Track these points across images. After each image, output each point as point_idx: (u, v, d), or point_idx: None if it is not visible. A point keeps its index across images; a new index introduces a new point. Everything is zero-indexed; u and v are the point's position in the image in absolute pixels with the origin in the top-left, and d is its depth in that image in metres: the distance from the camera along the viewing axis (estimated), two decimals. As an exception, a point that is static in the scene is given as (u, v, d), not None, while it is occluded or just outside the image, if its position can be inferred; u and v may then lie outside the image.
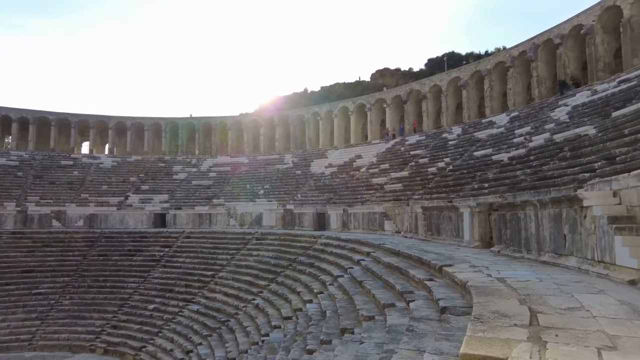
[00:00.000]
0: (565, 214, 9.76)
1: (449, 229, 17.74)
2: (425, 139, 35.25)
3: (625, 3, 24.00)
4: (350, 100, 45.35)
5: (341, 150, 41.56)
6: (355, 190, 31.85)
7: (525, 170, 17.40)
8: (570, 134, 18.27)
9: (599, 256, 8.40)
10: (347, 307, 11.29)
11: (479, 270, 9.03)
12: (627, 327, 4.48)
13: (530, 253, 11.33)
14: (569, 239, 9.61)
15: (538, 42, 29.69)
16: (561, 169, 14.64)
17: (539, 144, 20.34)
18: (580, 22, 26.77)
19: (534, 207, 11.36)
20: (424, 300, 8.45)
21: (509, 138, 25.00)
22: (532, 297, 6.06)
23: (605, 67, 25.60)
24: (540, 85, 29.72)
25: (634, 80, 20.15)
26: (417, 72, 72.84)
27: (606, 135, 14.95)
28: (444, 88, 37.14)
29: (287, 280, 19.72)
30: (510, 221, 12.91)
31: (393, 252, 14.54)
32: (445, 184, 23.57)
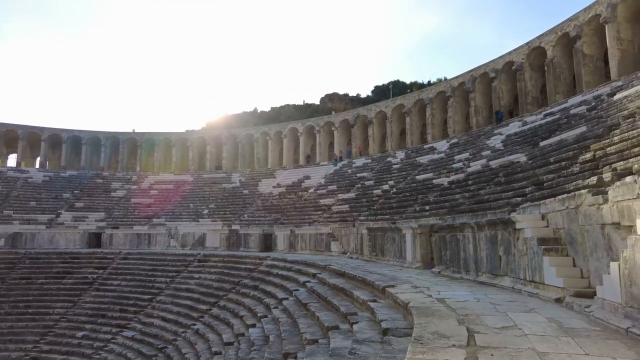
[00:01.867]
0: (500, 236, 10.28)
1: (393, 250, 18.10)
2: (371, 162, 36.17)
3: (548, 45, 26.47)
4: (300, 122, 45.73)
5: (290, 171, 41.53)
6: (303, 211, 31.80)
7: (464, 194, 18.27)
8: (505, 161, 19.52)
9: (530, 276, 8.89)
10: (291, 330, 11.03)
11: (420, 291, 9.22)
12: (554, 344, 4.70)
13: (469, 273, 11.78)
14: (504, 260, 10.10)
15: (476, 75, 31.82)
16: (496, 193, 15.52)
17: (476, 170, 21.51)
18: (511, 59, 29.09)
19: (471, 229, 11.88)
20: (367, 321, 8.44)
21: (448, 163, 26.25)
22: (470, 317, 6.23)
23: (533, 101, 27.86)
24: (478, 114, 31.71)
25: (557, 114, 22.07)
26: (364, 98, 75.27)
27: (535, 162, 16.12)
28: (389, 114, 38.54)
29: (230, 304, 19.02)
30: (450, 242, 13.40)
31: (338, 273, 14.53)
32: (390, 206, 24.16)
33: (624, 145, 10.23)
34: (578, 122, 17.92)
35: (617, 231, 6.78)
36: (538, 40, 27.31)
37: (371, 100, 61.99)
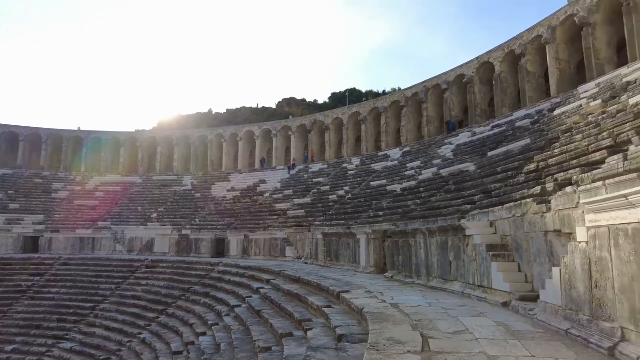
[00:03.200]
0: (451, 242, 10.61)
1: (347, 255, 18.23)
2: (328, 168, 36.42)
3: (496, 61, 27.97)
4: (257, 125, 45.24)
5: (245, 175, 40.91)
6: (258, 215, 31.37)
7: (416, 201, 18.77)
8: (455, 170, 20.28)
9: (479, 281, 9.22)
10: (243, 338, 10.75)
11: (374, 296, 9.29)
12: (503, 347, 4.86)
13: (421, 278, 12.06)
14: (454, 265, 10.43)
15: (429, 86, 32.98)
16: (447, 200, 16.06)
17: (428, 177, 22.20)
18: (462, 72, 30.43)
19: (423, 235, 12.19)
20: (322, 328, 8.38)
21: (401, 171, 26.94)
22: (423, 322, 6.34)
23: (482, 113, 29.28)
24: (430, 124, 32.85)
25: (504, 126, 23.31)
26: (321, 104, 75.80)
27: (483, 172, 16.87)
28: (345, 121, 39.06)
29: (180, 312, 18.31)
30: (402, 248, 13.68)
31: (293, 279, 14.39)
32: (345, 212, 24.38)
33: (563, 157, 10.91)
34: (523, 135, 18.99)
35: (559, 238, 7.19)
36: (487, 55, 28.76)
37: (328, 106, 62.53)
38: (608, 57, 21.64)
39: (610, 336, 4.88)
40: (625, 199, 4.52)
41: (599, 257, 5.15)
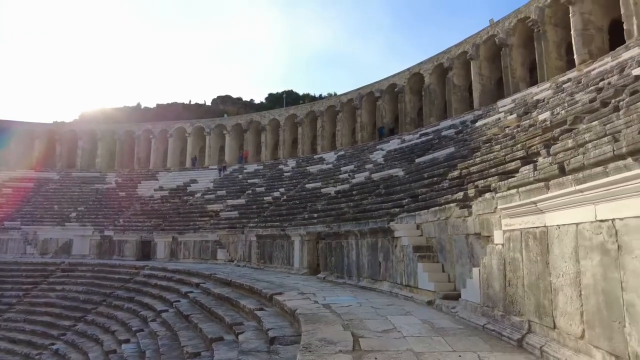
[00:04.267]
0: (380, 244, 11.03)
1: (281, 257, 18.21)
2: (263, 169, 36.11)
3: (426, 72, 29.62)
4: (189, 122, 43.57)
5: (175, 173, 39.22)
6: (188, 216, 30.22)
7: (349, 203, 19.26)
8: (385, 174, 21.12)
9: (406, 281, 9.68)
10: (170, 344, 10.31)
11: (307, 297, 9.38)
12: (428, 344, 5.16)
13: (352, 279, 12.39)
14: (383, 266, 10.85)
15: (363, 93, 34.03)
16: (377, 203, 16.67)
17: (360, 181, 22.88)
18: (395, 82, 31.81)
19: (355, 236, 12.55)
20: (253, 331, 8.29)
21: (336, 174, 27.49)
22: (354, 321, 6.53)
23: (412, 122, 30.81)
24: (363, 130, 33.90)
25: (431, 135, 24.72)
26: (257, 104, 74.98)
27: (411, 177, 17.75)
28: (282, 123, 39.02)
29: (100, 318, 17.08)
30: (335, 249, 13.97)
31: (225, 282, 14.07)
32: (280, 213, 24.33)
33: (483, 165, 11.83)
34: (448, 143, 20.27)
35: (478, 241, 7.77)
36: (418, 67, 30.33)
37: (265, 107, 62.03)
38: (522, 76, 23.83)
39: (519, 329, 5.37)
40: (535, 205, 5.02)
41: (512, 257, 5.65)
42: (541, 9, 21.71)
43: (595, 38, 19.64)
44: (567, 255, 4.48)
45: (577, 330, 4.32)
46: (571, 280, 4.42)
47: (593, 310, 4.07)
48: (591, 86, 13.25)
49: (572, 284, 4.41)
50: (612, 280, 3.80)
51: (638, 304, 3.47)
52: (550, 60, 21.47)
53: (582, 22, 19.68)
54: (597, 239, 4.00)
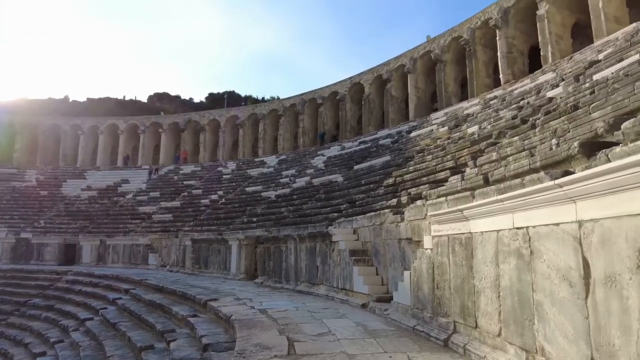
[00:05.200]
0: (319, 248, 11.18)
1: (217, 262, 17.78)
2: (201, 171, 35.06)
3: (366, 82, 30.59)
4: (122, 119, 41.23)
5: (105, 172, 36.87)
6: (118, 219, 28.52)
7: (289, 208, 19.30)
8: (325, 180, 21.45)
9: (342, 284, 9.90)
10: (94, 355, 9.66)
11: (243, 303, 9.26)
12: (361, 346, 5.33)
13: (289, 283, 12.42)
14: (320, 270, 11.01)
15: (306, 99, 34.35)
16: (317, 208, 16.88)
17: (301, 186, 23.03)
18: (336, 90, 32.48)
19: (294, 241, 12.61)
20: (186, 338, 8.02)
21: (276, 178, 27.43)
22: (289, 326, 6.56)
23: (352, 129, 31.61)
24: (305, 135, 34.19)
25: (369, 143, 25.52)
26: (197, 103, 72.73)
27: (350, 183, 18.20)
28: (222, 124, 38.23)
29: (11, 330, 15.53)
30: (273, 254, 13.92)
31: (156, 288, 13.46)
32: (217, 217, 23.76)
33: (416, 174, 12.44)
34: (384, 152, 21.04)
35: (410, 245, 8.16)
36: (358, 77, 31.22)
37: (205, 106, 60.32)
38: (454, 91, 25.40)
39: (445, 329, 5.72)
40: (461, 212, 5.39)
41: (440, 262, 6.01)
42: (473, 30, 23.34)
43: (517, 61, 21.48)
44: (488, 260, 4.86)
45: (495, 329, 4.68)
46: (491, 283, 4.79)
47: (509, 309, 4.44)
48: (513, 104, 14.47)
49: (492, 286, 4.78)
50: (525, 282, 4.18)
51: (545, 303, 3.86)
52: (479, 77, 23.12)
53: (506, 45, 21.43)
54: (514, 245, 4.38)
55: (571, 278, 3.45)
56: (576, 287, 3.39)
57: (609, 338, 3.04)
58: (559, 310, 3.61)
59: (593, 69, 12.00)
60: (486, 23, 22.53)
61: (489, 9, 22.48)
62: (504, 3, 21.69)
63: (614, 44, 14.02)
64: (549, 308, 3.76)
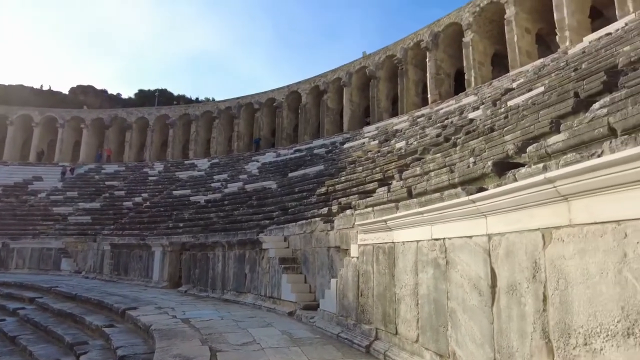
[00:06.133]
0: (248, 255, 11.03)
1: (139, 269, 16.81)
2: (125, 171, 33.04)
3: (303, 92, 30.95)
4: (37, 110, 37.67)
5: (13, 168, 33.31)
6: (27, 219, 25.87)
7: (219, 214, 18.82)
8: (258, 186, 21.25)
9: (270, 292, 9.83)
10: (-14, 373, 8.62)
11: (164, 312, 8.84)
12: (285, 354, 5.33)
13: (215, 292, 12.08)
14: (249, 278, 10.85)
15: (242, 103, 33.91)
16: (249, 214, 16.65)
17: (233, 191, 22.58)
18: (274, 97, 32.47)
19: (222, 247, 12.32)
20: (100, 350, 7.47)
21: (208, 182, 26.66)
22: (213, 335, 6.38)
23: (287, 137, 31.73)
24: (240, 139, 33.67)
25: (304, 151, 25.78)
26: (125, 99, 68.70)
27: (283, 190, 18.21)
28: (151, 122, 36.44)
29: None
30: (200, 261, 13.47)
31: (68, 296, 12.38)
32: (141, 221, 22.49)
33: (347, 184, 12.78)
34: (319, 161, 21.37)
35: (338, 253, 8.34)
36: (296, 86, 31.51)
37: (133, 103, 57.15)
38: (386, 107, 26.56)
39: (368, 336, 5.90)
40: (385, 223, 5.63)
41: (365, 270, 6.22)
42: (405, 50, 24.64)
43: (444, 82, 23.03)
44: (409, 269, 5.12)
45: (413, 335, 4.93)
46: (411, 291, 5.05)
47: (426, 316, 4.71)
48: (438, 123, 15.46)
49: (411, 294, 5.04)
50: (441, 291, 4.47)
51: (458, 310, 4.15)
52: (409, 96, 24.41)
53: (435, 67, 22.91)
54: (432, 255, 4.67)
55: (480, 287, 3.75)
56: (484, 296, 3.69)
57: (509, 341, 3.35)
58: (470, 317, 3.90)
59: (508, 95, 13.23)
60: (418, 45, 23.92)
61: (421, 32, 23.90)
62: (435, 27, 23.21)
63: (525, 75, 15.57)
64: (461, 315, 4.04)
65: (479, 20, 21.33)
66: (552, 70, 13.00)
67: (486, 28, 21.46)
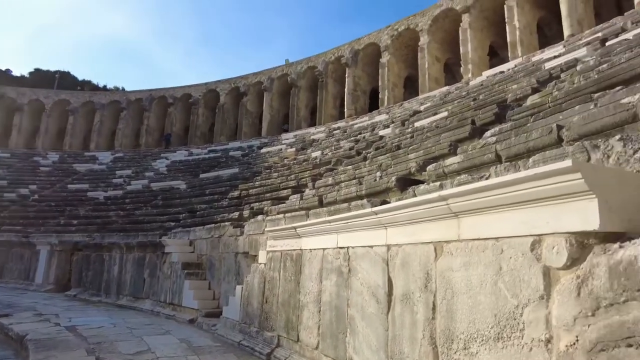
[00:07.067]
0: (148, 258, 10.37)
1: (18, 270, 14.90)
2: (11, 158, 29.12)
3: (222, 91, 30.19)
4: None
5: None
6: None
7: (119, 212, 17.47)
8: (166, 185, 20.14)
9: (170, 298, 9.33)
10: None
11: (46, 319, 7.93)
12: (181, 363, 5.08)
13: (109, 296, 11.15)
14: (148, 282, 10.19)
15: (155, 96, 31.99)
16: (153, 215, 15.68)
17: (137, 189, 21.11)
18: (190, 93, 31.17)
19: (120, 249, 11.44)
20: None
21: (109, 177, 24.61)
22: (102, 345, 5.86)
23: (202, 136, 30.61)
24: (150, 134, 31.67)
25: (219, 152, 25.08)
26: (17, 78, 60.74)
27: (193, 191, 17.48)
28: (48, 107, 32.73)
29: None
30: (94, 263, 12.36)
31: None
32: (25, 216, 19.94)
33: (261, 189, 12.69)
34: (233, 164, 20.92)
35: (246, 259, 8.22)
36: (215, 84, 30.64)
37: (27, 82, 50.75)
38: (305, 116, 27.00)
39: (269, 344, 5.88)
40: (295, 230, 5.69)
41: (272, 276, 6.20)
42: (327, 64, 25.35)
43: (360, 99, 24.11)
44: (314, 276, 5.22)
45: (314, 342, 5.02)
46: (314, 298, 5.15)
47: (327, 323, 4.83)
48: (352, 137, 16.10)
49: (315, 301, 5.14)
50: (342, 298, 4.62)
51: (357, 317, 4.32)
52: (327, 108, 25.11)
53: (353, 83, 23.89)
54: (336, 263, 4.82)
55: (378, 295, 3.96)
56: (381, 304, 3.90)
57: (401, 347, 3.57)
58: (367, 324, 4.08)
59: (415, 117, 14.25)
60: (339, 60, 24.76)
61: (342, 47, 24.79)
62: (356, 45, 24.24)
63: (432, 100, 16.93)
64: (359, 322, 4.21)
65: (396, 44, 22.76)
66: (455, 98, 14.31)
67: (402, 52, 22.96)
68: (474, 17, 19.40)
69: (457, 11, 19.89)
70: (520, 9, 17.53)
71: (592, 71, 6.85)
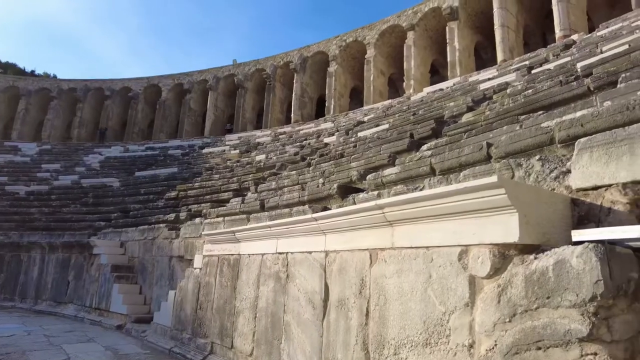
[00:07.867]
0: (74, 260, 9.67)
1: None
2: None
3: (165, 87, 29.02)
4: None
5: None
6: None
7: (43, 209, 16.13)
8: (98, 182, 18.93)
9: (97, 303, 8.75)
10: None
11: (-54, 326, 7.11)
12: (104, 373, 4.77)
13: (25, 301, 10.23)
14: (72, 286, 9.49)
15: (91, 87, 30.03)
16: (81, 214, 14.65)
17: (65, 185, 19.64)
18: (130, 86, 29.61)
19: (42, 249, 10.57)
20: None
21: (33, 170, 22.65)
22: (12, 355, 5.36)
23: (140, 132, 29.16)
24: (83, 127, 29.62)
25: (158, 150, 24.03)
26: None
27: (127, 190, 16.57)
28: (-37, 90, 29.62)
29: None
30: (9, 264, 11.29)
31: None
32: None
33: (201, 191, 12.32)
34: (173, 163, 20.14)
35: (181, 263, 7.92)
36: (158, 79, 29.39)
37: (-64, 62, 45.56)
38: (251, 119, 26.67)
39: (202, 351, 5.69)
40: (233, 234, 5.59)
41: (207, 282, 6.03)
42: (275, 67, 25.28)
43: (307, 105, 24.29)
44: (251, 282, 5.14)
45: (248, 349, 4.94)
46: (251, 304, 5.07)
47: (262, 330, 4.77)
48: (297, 142, 16.15)
49: (251, 307, 5.06)
50: (279, 304, 4.59)
51: (292, 323, 4.32)
52: (274, 112, 25.01)
53: (301, 89, 24.02)
54: (274, 268, 4.79)
55: (315, 301, 3.98)
56: (317, 309, 3.93)
57: (334, 353, 3.61)
58: (302, 330, 4.09)
59: (359, 127, 14.60)
60: (287, 65, 24.80)
61: (291, 53, 24.87)
62: (305, 52, 24.42)
63: (376, 112, 17.46)
64: (295, 328, 4.21)
65: (344, 55, 23.24)
66: (397, 112, 14.87)
67: (349, 63, 23.48)
68: (419, 35, 20.33)
69: (402, 28, 20.73)
70: (461, 31, 18.66)
71: (520, 95, 7.44)
